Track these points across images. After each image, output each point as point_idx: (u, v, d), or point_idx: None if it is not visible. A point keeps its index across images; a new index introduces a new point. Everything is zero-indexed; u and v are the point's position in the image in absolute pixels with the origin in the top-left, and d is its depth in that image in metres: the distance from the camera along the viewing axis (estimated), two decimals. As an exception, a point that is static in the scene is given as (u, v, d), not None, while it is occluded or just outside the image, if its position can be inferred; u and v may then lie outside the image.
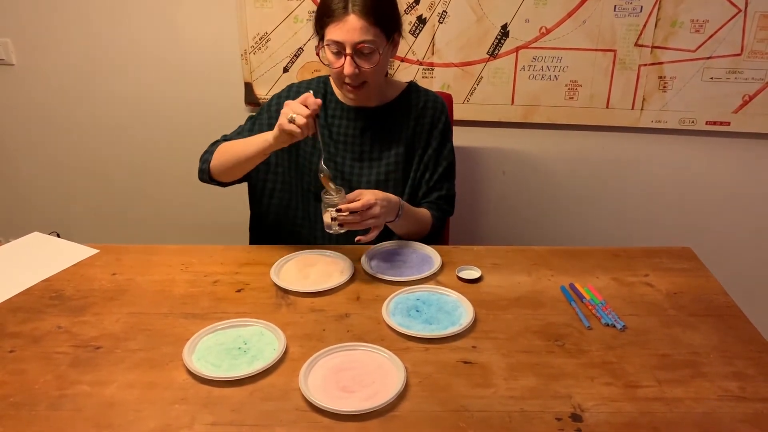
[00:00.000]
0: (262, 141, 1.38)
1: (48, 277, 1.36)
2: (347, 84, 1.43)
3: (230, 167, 1.46)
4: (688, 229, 2.20)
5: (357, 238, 1.40)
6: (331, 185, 1.35)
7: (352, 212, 1.33)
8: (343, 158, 1.55)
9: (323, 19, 1.39)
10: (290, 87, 1.61)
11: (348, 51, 1.37)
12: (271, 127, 1.51)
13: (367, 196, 1.34)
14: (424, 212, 1.55)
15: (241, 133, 1.57)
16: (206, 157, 1.53)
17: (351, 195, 1.35)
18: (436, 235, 1.60)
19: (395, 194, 1.44)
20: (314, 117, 1.31)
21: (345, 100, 1.56)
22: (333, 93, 1.58)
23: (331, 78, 1.58)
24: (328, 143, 1.56)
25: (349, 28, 1.35)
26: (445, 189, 1.59)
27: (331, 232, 1.36)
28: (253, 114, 1.61)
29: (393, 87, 1.58)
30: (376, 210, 1.35)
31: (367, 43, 1.37)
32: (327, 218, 1.35)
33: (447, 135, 1.60)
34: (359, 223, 1.35)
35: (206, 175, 1.53)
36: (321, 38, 1.42)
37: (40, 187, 2.38)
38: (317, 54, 1.44)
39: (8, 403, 1.00)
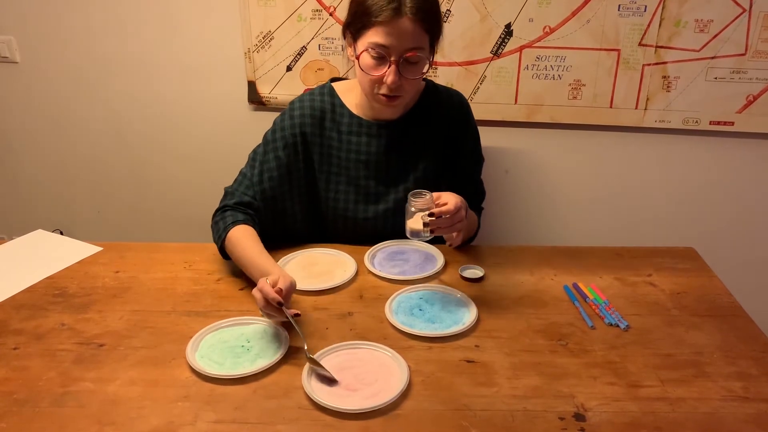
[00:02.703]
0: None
1: (51, 274, 1.37)
2: (382, 95, 1.30)
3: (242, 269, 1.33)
4: (691, 229, 2.19)
5: (449, 243, 1.35)
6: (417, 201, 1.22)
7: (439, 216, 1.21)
8: (367, 179, 1.44)
9: (367, 18, 1.23)
10: (291, 110, 1.46)
11: (394, 58, 1.24)
12: (280, 161, 1.41)
13: (452, 199, 1.23)
14: (473, 212, 1.49)
15: (250, 186, 1.41)
16: (221, 234, 1.34)
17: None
18: (474, 237, 1.56)
19: None
20: (275, 300, 1.09)
21: (361, 113, 1.44)
22: (344, 105, 1.44)
23: (342, 86, 1.47)
24: (348, 165, 1.44)
25: (401, 31, 1.21)
26: (481, 188, 1.59)
27: (417, 239, 1.26)
28: (258, 147, 1.48)
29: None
30: (462, 212, 1.25)
31: (418, 51, 1.24)
32: (415, 224, 1.22)
33: (477, 134, 1.53)
34: (448, 227, 1.24)
35: (225, 255, 1.37)
36: (355, 39, 1.28)
37: (43, 184, 2.38)
38: (357, 57, 1.28)
39: (12, 399, 1.00)
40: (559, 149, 2.15)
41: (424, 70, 1.30)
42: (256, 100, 2.15)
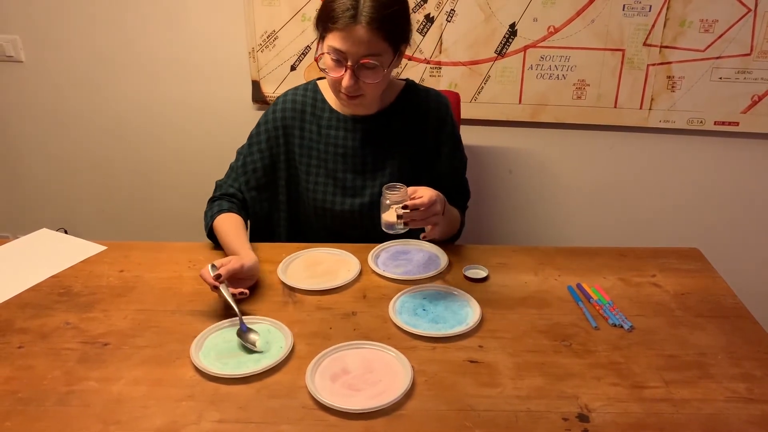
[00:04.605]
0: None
1: (56, 273, 1.37)
2: (343, 94, 1.35)
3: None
4: (695, 229, 2.19)
5: (422, 236, 1.34)
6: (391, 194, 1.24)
7: (413, 209, 1.23)
8: (344, 172, 1.48)
9: (327, 22, 1.28)
10: (274, 105, 1.52)
11: (350, 63, 1.28)
12: (263, 153, 1.49)
13: (427, 192, 1.25)
14: (455, 210, 1.51)
15: (236, 179, 1.50)
16: (208, 222, 1.45)
17: (408, 192, 1.27)
18: (458, 235, 1.56)
19: None
20: (210, 281, 1.18)
21: (340, 108, 1.48)
22: (325, 101, 1.49)
23: (326, 83, 1.49)
24: (326, 158, 1.48)
25: (355, 39, 1.25)
26: (464, 188, 1.57)
27: (391, 232, 1.27)
28: (244, 145, 1.53)
29: (391, 88, 1.48)
30: (437, 207, 1.27)
31: (373, 58, 1.28)
32: (390, 217, 1.25)
33: (457, 136, 1.54)
34: (422, 221, 1.27)
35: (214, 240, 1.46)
36: (321, 39, 1.33)
37: (48, 183, 2.39)
38: (315, 60, 1.35)
39: (16, 398, 1.00)
40: (563, 149, 2.15)
41: (383, 75, 1.33)
42: (260, 99, 2.15)
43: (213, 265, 1.20)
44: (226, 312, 1.21)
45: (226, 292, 1.18)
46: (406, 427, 0.95)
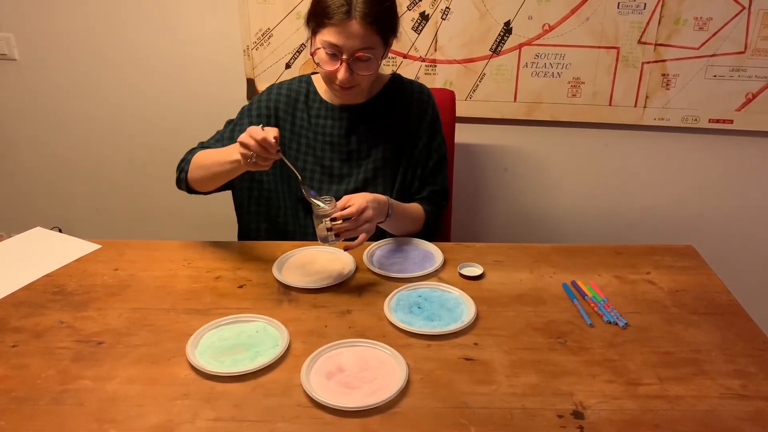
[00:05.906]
0: (234, 162, 1.27)
1: (50, 272, 1.36)
2: (337, 85, 1.38)
3: (207, 180, 1.41)
4: (690, 227, 2.20)
5: (345, 246, 1.35)
6: (319, 203, 1.28)
7: (345, 219, 1.28)
8: (331, 160, 1.52)
9: (321, 18, 1.32)
10: (270, 89, 1.56)
11: (345, 57, 1.32)
12: (252, 124, 1.49)
13: (358, 200, 1.30)
14: (415, 207, 1.51)
15: (220, 140, 1.51)
16: (183, 166, 1.47)
17: (340, 202, 1.30)
18: (431, 230, 1.56)
19: (384, 192, 1.43)
20: (275, 145, 1.19)
21: (330, 99, 1.52)
22: (316, 92, 1.53)
23: (319, 76, 1.53)
24: (314, 146, 1.52)
25: (350, 33, 1.30)
26: (438, 183, 1.56)
27: (326, 244, 1.31)
28: (233, 118, 1.57)
29: (377, 79, 1.53)
30: (369, 213, 1.31)
31: (367, 51, 1.33)
32: (321, 230, 1.29)
33: (436, 126, 1.55)
34: (354, 230, 1.30)
35: (183, 185, 1.48)
36: (313, 34, 1.37)
37: (42, 182, 2.38)
38: (311, 55, 1.38)
39: (10, 397, 1.00)
40: (558, 147, 2.15)
41: (377, 66, 1.38)
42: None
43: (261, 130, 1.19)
44: (222, 309, 1.21)
45: (287, 160, 1.25)
46: (401, 425, 0.95)
